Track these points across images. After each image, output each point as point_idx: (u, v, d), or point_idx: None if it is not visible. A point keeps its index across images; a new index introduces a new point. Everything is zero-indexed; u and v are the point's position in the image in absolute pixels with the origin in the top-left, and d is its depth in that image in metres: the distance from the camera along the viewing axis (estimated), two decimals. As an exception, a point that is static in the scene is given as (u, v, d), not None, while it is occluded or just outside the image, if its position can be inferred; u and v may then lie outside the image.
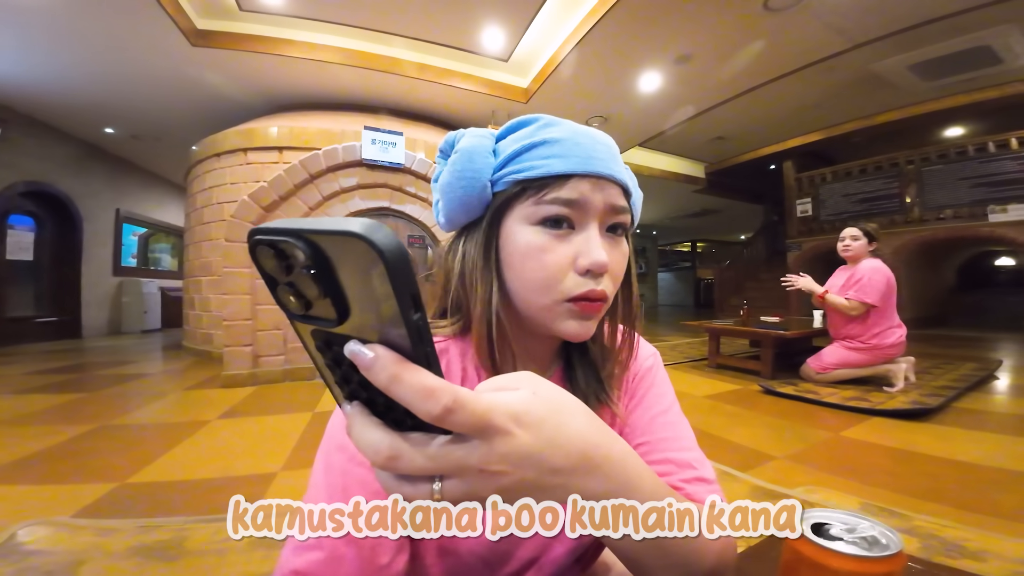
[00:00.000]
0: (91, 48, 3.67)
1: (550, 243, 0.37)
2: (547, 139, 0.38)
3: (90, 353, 4.65)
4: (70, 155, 5.69)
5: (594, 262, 0.37)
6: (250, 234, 0.17)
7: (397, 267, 0.16)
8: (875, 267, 2.62)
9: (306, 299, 0.18)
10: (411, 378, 0.18)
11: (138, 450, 1.84)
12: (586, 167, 0.38)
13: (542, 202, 0.37)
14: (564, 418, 0.24)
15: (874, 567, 0.26)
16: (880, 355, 2.63)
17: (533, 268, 0.38)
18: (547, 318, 0.39)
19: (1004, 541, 1.10)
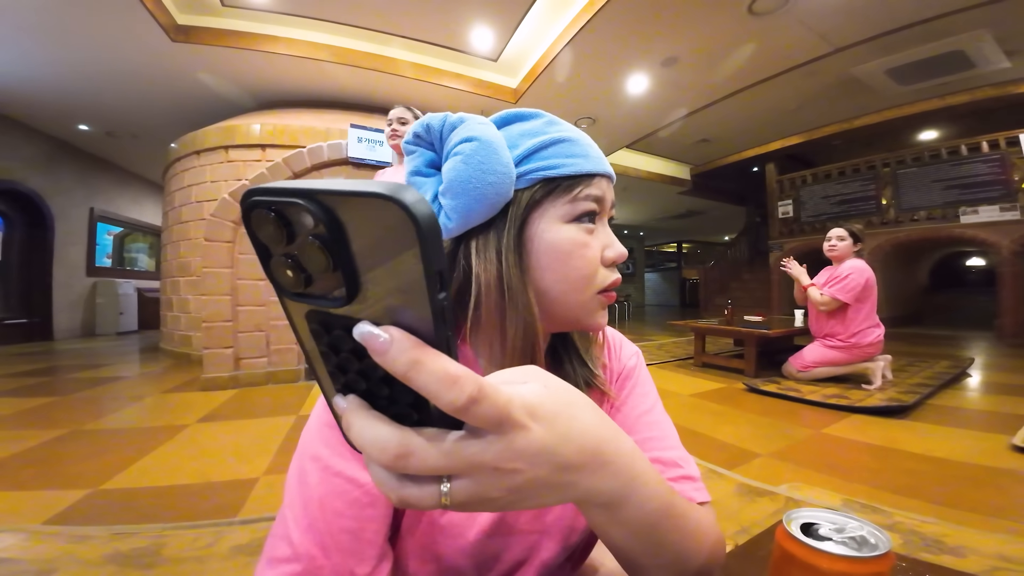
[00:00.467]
0: (66, 43, 3.55)
1: (588, 239, 0.39)
2: (565, 138, 0.39)
3: (62, 356, 4.49)
4: (40, 152, 5.49)
5: (620, 253, 0.41)
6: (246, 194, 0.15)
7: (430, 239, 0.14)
8: (856, 267, 2.70)
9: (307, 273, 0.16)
10: (434, 364, 0.16)
11: (112, 455, 1.78)
12: (603, 167, 0.40)
13: (578, 199, 0.38)
14: (576, 411, 0.23)
15: (864, 567, 0.26)
16: (859, 353, 2.70)
17: (577, 265, 0.38)
18: (582, 312, 0.40)
19: (981, 536, 1.13)
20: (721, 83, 4.60)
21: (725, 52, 4.01)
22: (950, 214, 5.47)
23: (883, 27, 3.74)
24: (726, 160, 7.66)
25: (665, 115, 5.37)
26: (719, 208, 10.02)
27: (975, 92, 5.03)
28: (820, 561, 0.27)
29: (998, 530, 1.16)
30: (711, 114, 5.39)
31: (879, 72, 4.64)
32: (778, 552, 0.30)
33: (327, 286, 0.16)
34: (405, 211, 0.14)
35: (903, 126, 6.06)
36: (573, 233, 0.38)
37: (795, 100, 5.32)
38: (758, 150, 7.16)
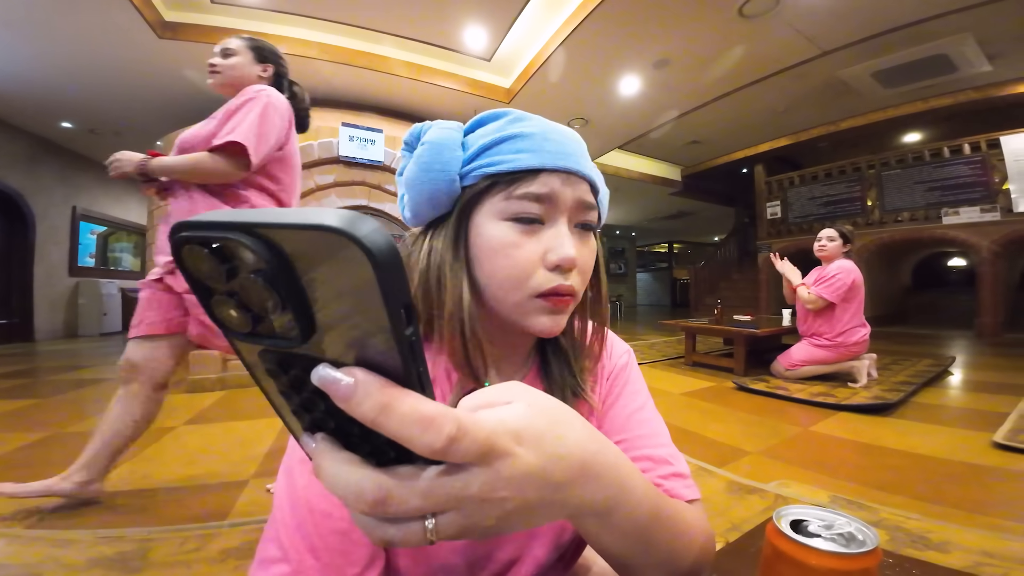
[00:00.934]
0: (49, 38, 3.47)
1: (520, 238, 0.37)
2: (518, 133, 0.38)
3: (43, 357, 4.39)
4: (21, 150, 5.36)
5: (563, 257, 0.36)
6: (174, 229, 0.13)
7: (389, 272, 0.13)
8: (844, 267, 2.75)
9: (254, 312, 0.14)
10: (405, 406, 0.15)
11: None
12: (557, 162, 0.37)
13: (512, 197, 0.37)
14: (562, 429, 0.23)
15: (852, 563, 0.27)
16: (845, 352, 2.74)
17: (503, 264, 0.37)
18: (518, 314, 0.38)
19: (965, 532, 1.15)
20: (711, 85, 4.65)
21: (716, 54, 4.05)
22: (932, 215, 5.59)
23: (869, 30, 3.81)
24: (716, 161, 7.73)
25: (657, 116, 5.41)
26: (709, 209, 10.12)
27: (957, 95, 5.15)
28: (809, 557, 0.27)
29: (981, 526, 1.18)
30: (702, 116, 5.44)
31: (865, 75, 4.72)
32: (768, 549, 0.30)
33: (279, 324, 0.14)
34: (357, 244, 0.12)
35: (887, 128, 6.18)
36: (503, 231, 0.37)
37: (783, 102, 5.39)
38: (747, 152, 7.24)
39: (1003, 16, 3.63)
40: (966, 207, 5.31)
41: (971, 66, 4.55)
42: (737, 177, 8.35)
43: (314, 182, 3.23)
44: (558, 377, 0.45)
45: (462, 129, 0.41)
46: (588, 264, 0.40)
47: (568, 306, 0.39)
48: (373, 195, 3.47)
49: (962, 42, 4.10)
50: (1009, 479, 1.48)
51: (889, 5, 3.47)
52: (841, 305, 2.72)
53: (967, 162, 5.35)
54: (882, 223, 6.07)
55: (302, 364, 0.15)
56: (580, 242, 0.39)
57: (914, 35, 3.91)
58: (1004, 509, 1.28)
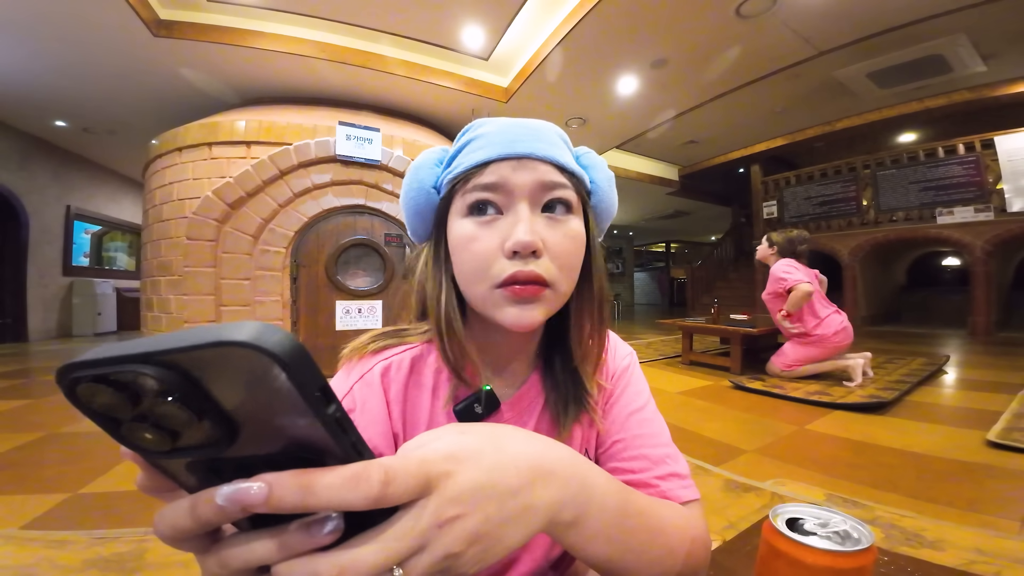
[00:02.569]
0: (43, 36, 3.43)
1: (477, 231, 0.38)
2: (475, 136, 0.40)
3: (36, 357, 4.36)
4: (13, 149, 5.31)
5: (516, 241, 0.35)
6: (62, 371, 0.13)
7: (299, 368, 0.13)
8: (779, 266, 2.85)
9: (170, 430, 0.14)
10: (325, 479, 0.16)
11: (91, 459, 1.73)
12: (504, 151, 0.38)
13: (467, 191, 0.38)
14: (501, 441, 0.23)
15: (848, 561, 0.27)
16: (831, 345, 2.76)
17: (466, 258, 0.38)
18: (487, 308, 0.38)
19: (959, 530, 1.16)
20: (708, 85, 4.66)
21: (713, 54, 4.06)
22: (927, 215, 5.63)
23: (865, 31, 3.82)
24: (713, 161, 7.76)
25: (654, 116, 5.42)
26: (706, 208, 10.15)
27: (952, 95, 5.18)
28: (805, 555, 0.27)
29: (975, 524, 1.19)
30: (699, 116, 5.45)
31: (860, 75, 4.74)
32: (764, 547, 0.31)
33: (200, 435, 0.14)
34: (262, 352, 0.13)
35: (883, 128, 6.21)
36: (463, 227, 0.38)
37: (780, 102, 5.41)
38: (744, 152, 7.26)
39: (998, 17, 3.65)
40: (960, 207, 5.35)
41: (966, 66, 4.58)
42: (734, 177, 8.38)
43: (311, 181, 3.22)
44: (561, 383, 0.44)
45: (447, 150, 0.43)
46: (562, 248, 0.38)
47: (537, 295, 0.37)
48: (370, 194, 3.46)
49: (957, 42, 4.12)
50: (1002, 477, 1.49)
51: (885, 6, 3.49)
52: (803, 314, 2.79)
53: (961, 162, 5.39)
54: (877, 223, 6.10)
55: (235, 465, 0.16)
56: (549, 225, 0.38)
57: (909, 35, 3.93)
58: (998, 507, 1.29)
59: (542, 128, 0.40)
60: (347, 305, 3.31)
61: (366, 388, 0.40)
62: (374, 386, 0.40)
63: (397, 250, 3.55)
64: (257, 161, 3.08)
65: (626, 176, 7.53)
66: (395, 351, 0.43)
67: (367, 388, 0.40)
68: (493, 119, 0.41)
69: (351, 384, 0.40)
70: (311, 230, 3.27)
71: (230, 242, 2.96)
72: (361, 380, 0.40)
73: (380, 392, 0.40)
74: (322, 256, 3.29)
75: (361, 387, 0.40)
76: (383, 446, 0.38)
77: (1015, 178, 4.95)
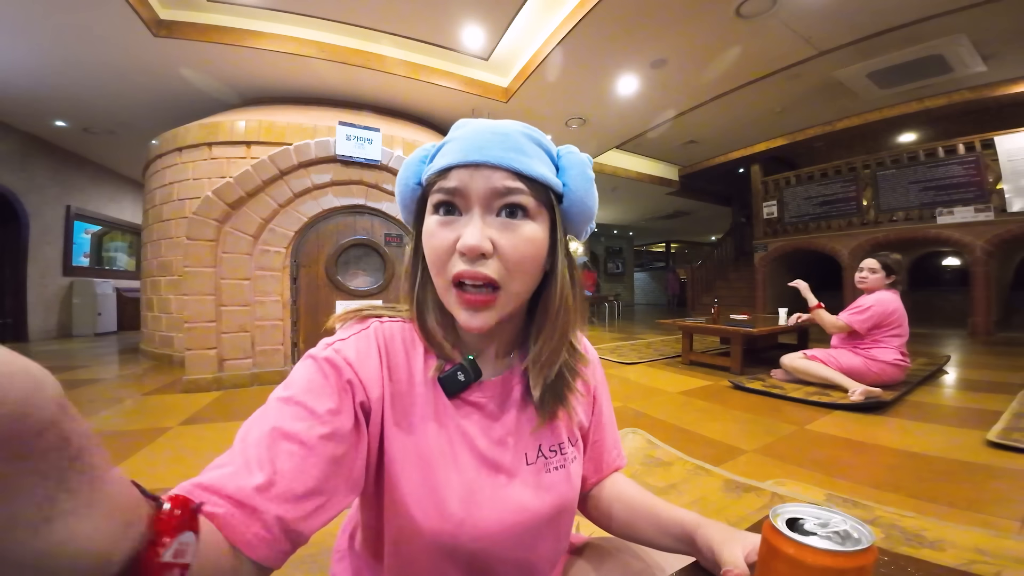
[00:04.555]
0: (43, 37, 3.44)
1: (438, 229, 0.41)
2: (450, 139, 0.43)
3: (37, 357, 4.28)
4: (13, 149, 5.31)
5: (463, 244, 0.39)
6: None
7: None
8: (880, 299, 2.57)
9: None
10: None
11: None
12: (464, 157, 0.40)
13: (433, 192, 0.42)
14: None
15: (848, 561, 0.27)
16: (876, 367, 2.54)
17: (428, 252, 0.42)
18: (447, 302, 0.42)
19: (959, 530, 1.16)
20: (708, 85, 4.66)
21: (713, 54, 4.06)
22: (927, 215, 5.62)
23: (865, 31, 3.82)
24: (713, 161, 7.76)
25: (654, 116, 5.42)
26: (706, 209, 10.15)
27: (952, 95, 5.18)
28: (805, 555, 0.27)
29: (975, 524, 1.19)
30: (699, 116, 5.45)
31: (860, 75, 4.74)
32: (765, 547, 0.31)
33: None
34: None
35: (883, 129, 6.22)
36: (429, 223, 0.42)
37: (780, 103, 5.41)
38: (744, 152, 7.27)
39: (998, 17, 3.65)
40: (960, 207, 5.35)
41: (966, 66, 4.58)
42: (734, 177, 8.38)
43: (311, 181, 3.22)
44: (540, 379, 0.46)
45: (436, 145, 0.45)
46: (516, 252, 0.40)
47: (487, 303, 0.40)
48: (370, 194, 3.45)
49: (957, 42, 4.12)
50: (1003, 477, 1.49)
51: (885, 6, 3.49)
52: (875, 334, 2.57)
53: (961, 162, 5.38)
54: (877, 223, 6.10)
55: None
56: (503, 228, 0.40)
57: (909, 36, 3.93)
58: (998, 507, 1.29)
59: (510, 134, 0.41)
60: (347, 305, 3.31)
61: (363, 340, 0.43)
62: (370, 339, 0.43)
63: (397, 250, 3.54)
64: (257, 161, 3.08)
65: (626, 176, 7.53)
66: (388, 317, 0.47)
67: (364, 340, 0.43)
68: (473, 121, 0.44)
69: (349, 335, 0.43)
70: (311, 230, 3.27)
71: (230, 242, 2.96)
72: (359, 334, 0.43)
73: (375, 345, 0.43)
74: (322, 256, 3.29)
75: (358, 339, 0.43)
76: (373, 388, 0.40)
77: (1015, 178, 4.94)
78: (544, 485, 0.45)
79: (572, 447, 0.49)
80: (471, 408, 0.45)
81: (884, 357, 2.54)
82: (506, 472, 0.44)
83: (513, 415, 0.47)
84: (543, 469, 0.46)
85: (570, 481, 0.48)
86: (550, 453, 0.47)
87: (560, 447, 0.48)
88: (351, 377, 0.39)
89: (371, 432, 0.40)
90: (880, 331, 2.57)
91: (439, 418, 0.43)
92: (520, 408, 0.47)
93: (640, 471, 1.62)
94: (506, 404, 0.47)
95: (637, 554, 0.51)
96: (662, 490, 1.46)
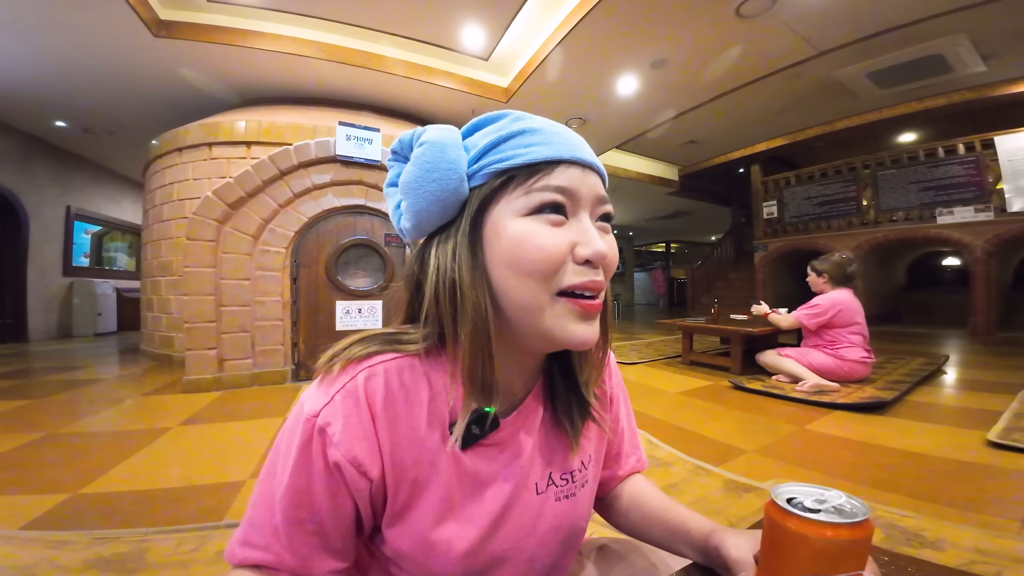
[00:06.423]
0: (43, 37, 3.44)
1: (546, 230, 0.35)
2: (525, 129, 0.36)
3: (37, 357, 4.36)
4: (13, 149, 5.33)
5: (595, 251, 0.35)
6: None
7: None
8: (828, 298, 2.78)
9: None
10: None
11: (91, 459, 1.73)
12: (572, 153, 0.36)
13: (533, 190, 0.35)
14: None
15: (846, 533, 0.28)
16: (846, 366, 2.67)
17: (531, 259, 0.34)
18: (539, 317, 0.35)
19: (959, 530, 1.16)
20: (708, 85, 4.66)
21: (713, 54, 4.06)
22: (927, 215, 5.62)
23: (865, 31, 3.82)
24: (713, 161, 7.76)
25: (654, 116, 5.42)
26: (706, 209, 10.15)
27: (952, 95, 5.18)
28: (806, 529, 0.29)
29: (975, 524, 1.19)
30: (699, 116, 5.45)
31: (860, 75, 4.75)
32: (768, 523, 0.32)
33: None
34: None
35: (882, 128, 6.22)
36: (528, 224, 0.35)
37: (779, 102, 5.41)
38: (744, 152, 7.27)
39: (998, 16, 3.65)
40: (960, 207, 5.35)
41: (966, 66, 4.58)
42: (734, 177, 8.38)
43: (311, 181, 3.22)
44: (563, 395, 0.45)
45: (460, 131, 0.40)
46: (611, 261, 0.38)
47: (597, 310, 0.37)
48: (370, 194, 3.45)
49: (957, 42, 4.13)
50: (1003, 477, 1.49)
51: (884, 6, 3.49)
52: (833, 331, 2.75)
53: (961, 162, 5.38)
54: (877, 223, 6.10)
55: None
56: (602, 236, 0.37)
57: (909, 35, 3.93)
58: (998, 507, 1.29)
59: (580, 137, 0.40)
60: (347, 305, 3.31)
61: (350, 401, 0.35)
62: (359, 399, 0.35)
63: (397, 250, 3.54)
64: (257, 161, 3.08)
65: (626, 176, 7.53)
66: (382, 358, 0.38)
67: (351, 402, 0.35)
68: (530, 115, 0.38)
69: (333, 393, 0.35)
70: (311, 230, 3.27)
71: (230, 242, 2.96)
72: (343, 390, 0.36)
73: (365, 406, 0.35)
74: (322, 256, 3.29)
75: (343, 398, 0.35)
76: (369, 464, 0.35)
77: (1015, 178, 4.94)
78: (553, 514, 0.43)
79: (585, 470, 0.47)
80: (483, 448, 0.40)
81: (852, 356, 2.70)
82: (517, 506, 0.42)
83: (528, 443, 0.43)
84: (552, 498, 0.44)
85: (578, 509, 0.45)
86: (561, 481, 0.44)
87: (572, 475, 0.45)
88: (342, 460, 0.35)
89: (374, 498, 0.37)
90: (837, 330, 2.74)
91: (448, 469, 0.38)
92: (535, 435, 0.44)
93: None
94: (520, 434, 0.43)
95: (646, 555, 0.50)
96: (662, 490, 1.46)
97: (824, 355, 2.74)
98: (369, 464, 0.35)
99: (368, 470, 0.35)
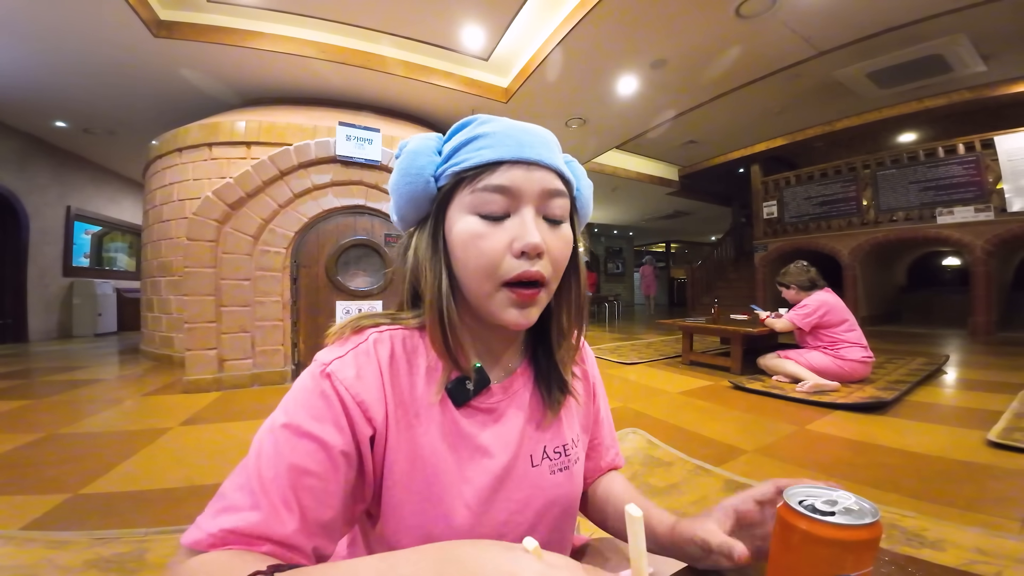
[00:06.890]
0: (43, 37, 3.44)
1: (486, 229, 0.39)
2: (481, 133, 0.40)
3: (37, 358, 4.36)
4: (13, 150, 5.33)
5: (527, 243, 0.38)
6: None
7: None
8: (814, 298, 2.88)
9: None
10: None
11: (91, 460, 1.73)
12: (515, 154, 0.39)
13: (476, 190, 0.39)
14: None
15: (857, 534, 0.29)
16: (847, 366, 2.69)
17: (473, 255, 0.39)
18: (488, 305, 0.40)
19: (959, 530, 1.16)
20: (708, 85, 4.66)
21: (713, 54, 4.06)
22: (927, 215, 5.62)
23: (865, 31, 3.82)
24: (713, 161, 7.76)
25: (654, 116, 5.42)
26: (706, 209, 10.15)
27: (952, 95, 5.18)
28: (819, 530, 0.30)
29: (975, 524, 1.19)
30: (699, 116, 5.45)
31: (860, 75, 4.75)
32: (780, 525, 0.32)
33: None
34: None
35: (882, 128, 6.22)
36: (472, 224, 0.39)
37: (779, 103, 5.42)
38: (744, 152, 7.27)
39: (997, 17, 3.65)
40: (960, 207, 5.35)
41: (966, 66, 4.58)
42: (734, 177, 8.38)
43: (311, 182, 3.22)
44: (545, 370, 0.49)
45: (441, 138, 0.44)
46: (560, 253, 0.41)
47: (536, 298, 0.40)
48: (370, 195, 3.45)
49: (957, 42, 4.13)
50: (1003, 477, 1.49)
51: (884, 6, 3.49)
52: (830, 332, 2.79)
53: (961, 162, 5.38)
54: (877, 223, 6.10)
55: None
56: (549, 231, 0.41)
57: (909, 36, 3.93)
58: (998, 507, 1.29)
59: (545, 135, 0.42)
60: (347, 305, 3.31)
61: (363, 356, 0.40)
62: (370, 354, 0.41)
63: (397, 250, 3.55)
64: (257, 161, 3.08)
65: (626, 176, 7.53)
66: (388, 327, 0.44)
67: (364, 356, 0.40)
68: (496, 118, 0.42)
69: (347, 351, 0.40)
70: (311, 230, 3.27)
71: (230, 242, 2.96)
72: (357, 349, 0.41)
73: (375, 360, 0.40)
74: (322, 256, 3.29)
75: (357, 355, 0.40)
76: (375, 409, 0.39)
77: (1015, 178, 4.94)
78: (549, 486, 0.46)
79: (576, 447, 0.50)
80: (478, 414, 0.44)
81: (851, 356, 2.72)
82: (514, 475, 0.44)
83: (520, 416, 0.46)
84: (547, 471, 0.46)
85: (573, 482, 0.48)
86: (555, 454, 0.47)
87: (564, 448, 0.48)
88: (351, 402, 0.37)
89: (375, 452, 0.39)
90: (833, 330, 2.79)
91: (445, 427, 0.42)
92: (526, 408, 0.47)
93: (640, 471, 1.62)
94: (512, 406, 0.47)
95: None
96: (663, 490, 1.46)
97: (824, 355, 2.76)
98: (375, 410, 0.39)
99: (373, 416, 0.38)
